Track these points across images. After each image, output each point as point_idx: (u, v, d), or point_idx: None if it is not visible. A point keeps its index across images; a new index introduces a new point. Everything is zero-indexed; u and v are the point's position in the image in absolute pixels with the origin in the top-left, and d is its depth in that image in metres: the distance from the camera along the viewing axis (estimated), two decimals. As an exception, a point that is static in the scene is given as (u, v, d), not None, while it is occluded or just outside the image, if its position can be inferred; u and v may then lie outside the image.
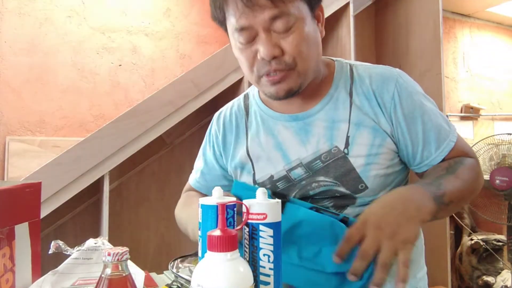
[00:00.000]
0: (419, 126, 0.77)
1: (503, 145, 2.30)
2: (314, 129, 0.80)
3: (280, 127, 0.84)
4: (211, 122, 0.98)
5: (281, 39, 0.72)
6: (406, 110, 0.77)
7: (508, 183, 2.18)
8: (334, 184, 0.78)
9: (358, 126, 0.78)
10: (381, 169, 0.77)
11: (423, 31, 2.28)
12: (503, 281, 2.43)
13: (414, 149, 0.78)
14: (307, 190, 0.81)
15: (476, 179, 0.77)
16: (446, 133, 0.78)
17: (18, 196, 0.75)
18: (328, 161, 0.79)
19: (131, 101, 2.11)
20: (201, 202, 0.59)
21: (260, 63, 0.74)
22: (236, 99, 0.96)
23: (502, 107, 3.43)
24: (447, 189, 0.68)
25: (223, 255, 0.47)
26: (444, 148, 0.78)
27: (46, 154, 1.88)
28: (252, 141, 0.87)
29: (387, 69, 0.81)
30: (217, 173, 0.96)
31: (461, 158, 0.78)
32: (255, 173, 0.86)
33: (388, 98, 0.77)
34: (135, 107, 1.71)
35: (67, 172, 1.58)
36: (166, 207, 2.14)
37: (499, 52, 3.46)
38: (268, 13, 0.69)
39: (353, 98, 0.80)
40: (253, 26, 0.71)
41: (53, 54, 1.99)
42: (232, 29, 0.74)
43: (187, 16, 2.30)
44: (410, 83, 0.80)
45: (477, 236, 2.58)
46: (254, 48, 0.73)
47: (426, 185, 0.69)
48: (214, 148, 0.95)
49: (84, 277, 0.75)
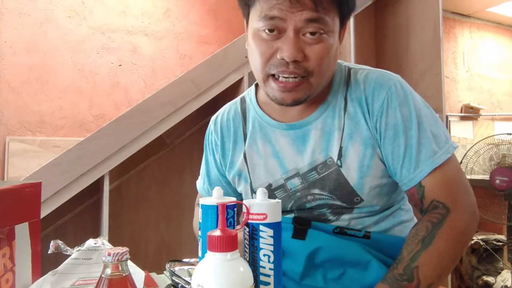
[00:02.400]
0: (401, 140, 0.72)
1: (503, 145, 2.30)
2: (311, 138, 0.78)
3: (277, 135, 0.81)
4: (208, 128, 0.94)
5: (308, 45, 0.69)
6: (392, 121, 0.73)
7: (508, 183, 2.18)
8: (329, 198, 0.77)
9: (350, 136, 0.75)
10: (375, 180, 0.75)
11: (423, 31, 2.28)
12: (503, 281, 2.43)
13: (394, 165, 0.74)
14: (303, 203, 0.80)
15: (454, 248, 0.68)
16: (430, 153, 0.71)
17: (18, 196, 0.75)
18: (324, 173, 0.77)
19: (131, 101, 2.11)
20: (201, 202, 0.59)
21: (277, 62, 0.70)
22: (231, 103, 0.92)
23: (502, 107, 3.43)
24: (421, 275, 0.64)
25: (223, 255, 0.47)
26: (424, 169, 0.71)
27: (46, 154, 1.88)
28: (249, 148, 0.85)
29: (385, 75, 0.77)
30: (221, 178, 0.93)
31: (440, 216, 0.69)
32: (251, 181, 0.85)
33: (377, 106, 0.74)
34: (135, 107, 1.71)
35: (67, 172, 1.58)
36: (166, 207, 2.15)
37: (499, 52, 3.46)
38: (306, 14, 0.66)
39: (347, 105, 0.77)
40: (285, 21, 0.67)
41: (53, 54, 1.99)
42: (258, 16, 0.70)
43: (187, 16, 2.30)
44: (404, 93, 0.75)
45: (477, 236, 2.58)
46: (276, 45, 0.69)
47: (396, 281, 0.65)
48: (215, 156, 0.92)
49: (84, 277, 0.75)
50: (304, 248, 0.74)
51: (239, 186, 0.88)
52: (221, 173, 0.93)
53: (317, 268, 0.74)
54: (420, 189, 0.72)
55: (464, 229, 0.70)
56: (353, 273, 0.72)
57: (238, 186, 0.89)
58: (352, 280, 0.72)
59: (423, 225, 0.70)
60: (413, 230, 0.71)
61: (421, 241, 0.68)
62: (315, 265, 0.74)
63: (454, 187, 0.72)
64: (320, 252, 0.73)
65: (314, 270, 0.74)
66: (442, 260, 0.67)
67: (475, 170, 2.37)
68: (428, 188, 0.72)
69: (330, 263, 0.72)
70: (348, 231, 0.77)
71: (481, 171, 2.34)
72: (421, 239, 0.68)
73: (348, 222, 0.78)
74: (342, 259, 0.73)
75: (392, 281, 0.66)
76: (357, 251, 0.74)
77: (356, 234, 0.76)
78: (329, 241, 0.74)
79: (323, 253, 0.73)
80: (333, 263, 0.73)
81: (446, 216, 0.69)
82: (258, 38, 0.71)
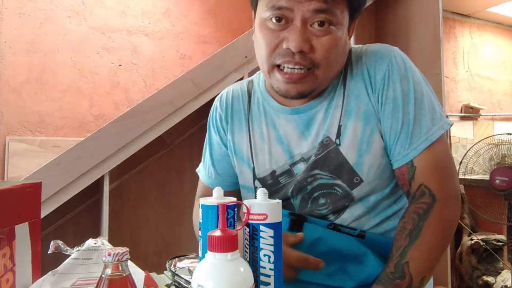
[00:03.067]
0: (400, 115, 0.72)
1: (503, 145, 2.30)
2: (315, 122, 0.77)
3: (282, 120, 0.81)
4: (212, 107, 0.93)
5: (315, 36, 0.68)
6: (391, 94, 0.72)
7: (508, 183, 2.18)
8: (330, 177, 0.76)
9: (349, 114, 0.74)
10: (375, 159, 0.73)
11: (423, 31, 2.28)
12: (503, 281, 2.42)
13: (390, 140, 0.73)
14: (304, 185, 0.78)
15: (442, 238, 0.68)
16: (425, 130, 0.71)
17: (18, 196, 0.75)
18: (321, 154, 0.75)
19: (131, 101, 2.11)
20: (201, 202, 0.59)
21: (283, 51, 0.69)
22: (239, 83, 0.92)
23: (502, 107, 3.43)
24: (412, 270, 0.65)
25: (223, 255, 0.47)
26: (418, 146, 0.70)
27: (46, 154, 1.88)
28: (253, 131, 0.84)
29: (384, 46, 0.77)
30: (227, 159, 0.90)
31: (426, 206, 0.69)
32: (255, 167, 0.83)
33: (380, 78, 0.73)
34: (135, 107, 1.71)
35: (67, 172, 1.58)
36: (166, 207, 2.15)
37: (499, 52, 3.46)
38: (315, 5, 0.65)
39: (347, 82, 0.76)
40: (293, 11, 0.67)
41: (53, 54, 1.99)
42: (266, 6, 0.69)
43: (187, 16, 2.30)
44: (405, 66, 0.74)
45: (477, 236, 2.58)
46: (282, 35, 0.69)
47: (388, 280, 0.65)
48: (220, 132, 0.90)
49: (84, 277, 0.75)
50: (302, 241, 0.73)
51: (240, 168, 0.86)
52: (226, 148, 0.90)
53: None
54: (411, 169, 0.72)
55: (450, 217, 0.70)
56: (350, 267, 0.72)
57: (239, 168, 0.86)
58: (348, 275, 0.71)
59: (410, 217, 0.70)
60: (400, 224, 0.71)
61: (408, 235, 0.68)
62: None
63: (442, 171, 0.72)
64: (318, 244, 0.73)
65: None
66: (431, 252, 0.67)
67: (475, 170, 2.37)
68: (419, 169, 0.71)
69: (327, 257, 0.71)
70: (342, 229, 0.76)
71: (481, 171, 2.34)
72: (408, 233, 0.68)
73: (348, 223, 0.77)
74: (339, 251, 0.72)
75: (385, 281, 0.66)
76: (352, 244, 0.73)
77: (351, 232, 0.75)
78: (325, 234, 0.74)
79: (321, 245, 0.72)
80: (331, 257, 0.72)
81: (432, 205, 0.69)
82: (264, 27, 0.71)
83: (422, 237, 0.67)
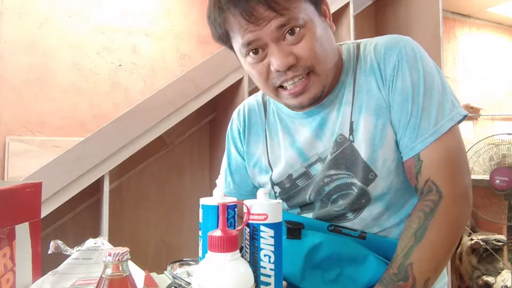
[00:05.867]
0: (409, 107, 0.70)
1: (503, 145, 2.30)
2: (328, 121, 0.78)
3: (297, 126, 0.82)
4: (230, 122, 0.96)
5: (293, 46, 0.68)
6: (400, 86, 0.71)
7: (508, 183, 2.18)
8: (347, 176, 0.75)
9: (360, 109, 0.74)
10: (389, 153, 0.72)
11: (423, 31, 2.28)
12: (503, 281, 2.42)
13: (399, 132, 0.71)
14: (321, 186, 0.78)
15: (448, 237, 0.67)
16: (433, 122, 0.69)
17: (19, 196, 0.75)
18: (336, 152, 0.75)
19: (131, 101, 2.11)
20: (201, 202, 0.59)
21: (275, 74, 0.70)
22: (254, 95, 0.94)
23: (502, 107, 3.43)
24: (416, 272, 0.64)
25: (224, 255, 0.47)
26: (425, 139, 0.69)
27: (46, 154, 1.88)
28: (271, 140, 0.86)
29: (394, 38, 0.75)
30: (244, 169, 0.92)
31: (432, 203, 0.68)
32: (272, 174, 0.85)
33: (390, 70, 0.72)
34: (135, 107, 1.71)
35: (67, 172, 1.58)
36: (166, 207, 2.15)
37: (499, 52, 3.46)
38: (274, 23, 0.66)
39: (357, 77, 0.75)
40: (261, 38, 0.68)
41: (53, 54, 1.98)
42: (239, 46, 0.71)
43: (187, 16, 2.30)
44: (415, 55, 0.72)
45: (477, 236, 2.58)
46: (266, 61, 0.70)
47: (391, 282, 0.65)
48: (237, 144, 0.93)
49: (84, 277, 0.75)
50: (301, 247, 0.74)
51: (259, 179, 0.88)
52: (243, 159, 0.92)
53: (315, 268, 0.73)
54: (418, 163, 0.70)
55: (457, 216, 0.68)
56: (351, 272, 0.72)
57: (258, 179, 0.88)
58: (351, 279, 0.72)
59: (416, 215, 0.69)
60: (406, 223, 0.70)
61: (414, 234, 0.66)
62: (314, 265, 0.73)
63: (451, 166, 0.69)
64: (318, 249, 0.73)
65: (313, 271, 0.73)
66: (436, 252, 0.65)
67: (475, 170, 2.37)
68: (426, 163, 0.69)
69: (328, 262, 0.71)
70: (343, 230, 0.75)
71: (481, 171, 2.34)
72: (414, 232, 0.67)
73: (366, 223, 0.75)
74: (340, 255, 0.72)
75: (388, 282, 0.65)
76: (353, 246, 0.73)
77: (351, 233, 0.75)
78: (325, 238, 0.74)
79: (321, 251, 0.72)
80: (331, 261, 0.72)
81: (438, 203, 0.67)
82: (248, 63, 0.73)
83: (427, 237, 0.65)
